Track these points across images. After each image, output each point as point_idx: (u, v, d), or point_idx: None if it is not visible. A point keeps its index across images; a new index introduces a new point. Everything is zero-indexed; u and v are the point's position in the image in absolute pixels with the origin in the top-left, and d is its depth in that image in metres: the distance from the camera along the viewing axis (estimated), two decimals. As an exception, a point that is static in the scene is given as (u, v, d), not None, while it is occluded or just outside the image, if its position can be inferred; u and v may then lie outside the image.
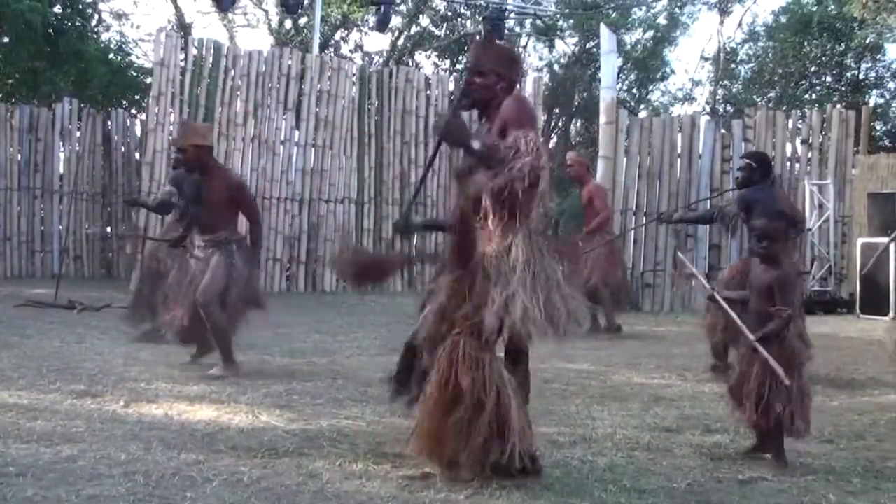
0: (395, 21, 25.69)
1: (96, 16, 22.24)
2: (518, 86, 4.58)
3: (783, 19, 26.64)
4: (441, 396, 3.99)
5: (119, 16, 24.36)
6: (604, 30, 15.68)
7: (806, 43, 25.17)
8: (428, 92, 15.84)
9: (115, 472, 4.03)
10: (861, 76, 26.03)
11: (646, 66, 28.58)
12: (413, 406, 4.42)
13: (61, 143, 16.11)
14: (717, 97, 28.59)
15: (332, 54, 23.56)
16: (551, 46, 28.86)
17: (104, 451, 4.39)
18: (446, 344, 4.02)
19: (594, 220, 10.10)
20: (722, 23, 28.71)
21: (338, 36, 27.99)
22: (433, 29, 28.64)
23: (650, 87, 30.23)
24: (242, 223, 7.33)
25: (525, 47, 29.07)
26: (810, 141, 15.03)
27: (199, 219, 7.03)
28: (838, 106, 17.43)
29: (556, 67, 28.87)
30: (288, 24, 26.82)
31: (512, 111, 4.18)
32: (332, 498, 3.82)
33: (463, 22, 27.66)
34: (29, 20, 16.81)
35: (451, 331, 4.03)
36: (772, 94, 27.00)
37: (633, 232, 13.81)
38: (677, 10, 28.62)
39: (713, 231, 13.77)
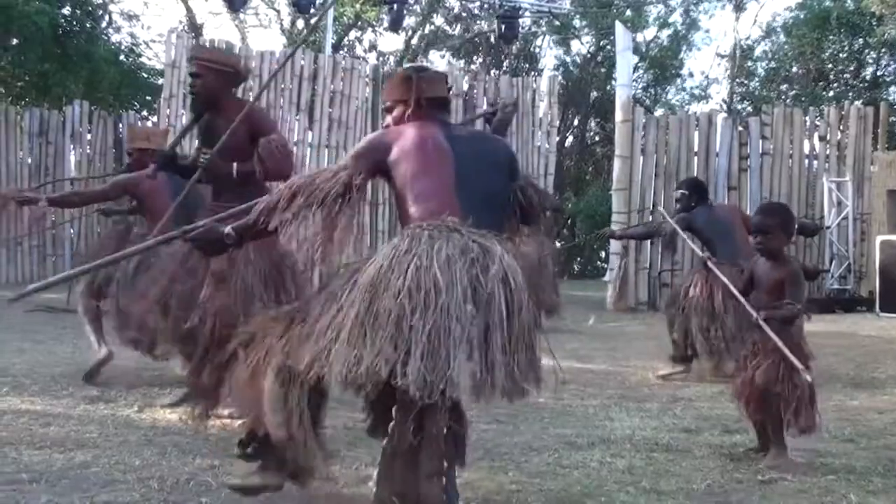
0: (409, 20, 25.67)
1: (106, 17, 22.16)
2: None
3: (801, 15, 26.45)
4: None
5: (129, 17, 24.30)
6: (619, 27, 15.61)
7: (824, 39, 24.97)
8: (441, 91, 15.73)
9: (129, 478, 4.00)
10: (880, 72, 25.82)
11: (662, 64, 28.46)
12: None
13: (72, 146, 16.08)
14: (735, 95, 28.44)
15: (346, 54, 23.52)
16: (566, 45, 28.80)
17: (118, 456, 4.36)
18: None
19: None
20: (737, 19, 28.62)
21: (352, 35, 28.01)
22: (447, 28, 28.63)
23: (666, 86, 30.09)
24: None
25: (540, 46, 29.09)
26: (828, 138, 14.92)
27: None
28: (856, 103, 17.30)
29: (571, 66, 28.81)
30: (300, 24, 26.81)
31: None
32: (347, 502, 3.78)
33: (477, 21, 27.65)
34: (37, 22, 16.78)
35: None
36: (790, 92, 26.81)
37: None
38: (693, 6, 28.48)
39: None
